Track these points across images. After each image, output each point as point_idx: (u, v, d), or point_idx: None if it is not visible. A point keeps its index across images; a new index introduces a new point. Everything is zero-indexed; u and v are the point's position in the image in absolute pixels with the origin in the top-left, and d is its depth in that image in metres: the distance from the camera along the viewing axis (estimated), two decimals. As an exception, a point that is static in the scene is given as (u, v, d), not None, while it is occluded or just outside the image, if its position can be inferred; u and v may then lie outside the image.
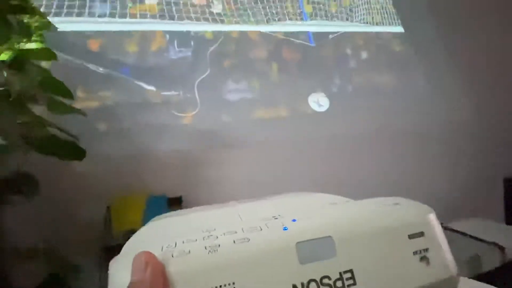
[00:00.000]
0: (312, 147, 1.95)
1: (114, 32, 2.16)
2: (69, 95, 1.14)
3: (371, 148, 2.06)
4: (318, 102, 2.15)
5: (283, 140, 1.95)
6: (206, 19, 2.36)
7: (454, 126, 2.26)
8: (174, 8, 2.34)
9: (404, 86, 2.44)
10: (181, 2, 2.38)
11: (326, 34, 2.50)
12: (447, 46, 2.52)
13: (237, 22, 2.40)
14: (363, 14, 2.63)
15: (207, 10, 2.38)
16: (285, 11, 2.52)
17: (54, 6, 2.15)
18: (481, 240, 1.54)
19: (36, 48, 1.05)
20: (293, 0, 2.57)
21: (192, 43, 2.25)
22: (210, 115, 2.00)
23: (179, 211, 0.68)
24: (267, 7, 2.52)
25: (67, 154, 1.04)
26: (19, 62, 0.99)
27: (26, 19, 1.01)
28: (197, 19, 2.34)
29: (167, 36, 2.24)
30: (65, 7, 2.17)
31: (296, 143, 1.96)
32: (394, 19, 2.68)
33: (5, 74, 0.95)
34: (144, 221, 1.32)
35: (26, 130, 0.95)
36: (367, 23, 2.63)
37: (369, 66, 2.45)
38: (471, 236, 1.57)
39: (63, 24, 2.10)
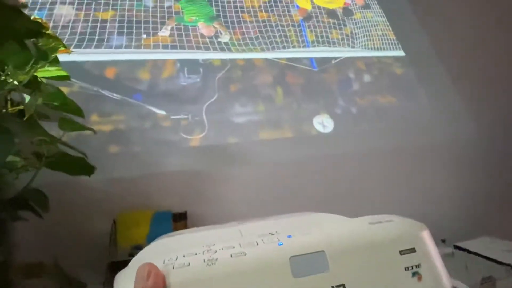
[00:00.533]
0: (316, 166, 1.97)
1: (129, 61, 2.32)
2: (80, 113, 1.20)
3: (376, 167, 2.06)
4: (323, 123, 2.20)
5: (288, 160, 1.98)
6: (215, 48, 2.51)
7: (460, 144, 2.25)
8: (185, 39, 2.51)
9: (407, 107, 2.48)
10: (191, 33, 2.57)
11: (329, 59, 2.61)
12: (448, 68, 2.57)
13: (243, 50, 2.54)
14: (364, 40, 2.75)
15: (215, 40, 2.54)
16: (288, 40, 2.67)
17: (76, 40, 2.35)
18: (495, 261, 1.47)
19: (52, 70, 1.12)
20: (296, 29, 2.72)
21: (201, 70, 2.38)
22: (217, 137, 2.07)
23: (183, 230, 0.71)
24: (272, 36, 2.67)
25: (76, 170, 1.10)
26: (34, 82, 1.06)
27: (42, 42, 1.04)
28: (206, 48, 2.50)
29: (178, 64, 2.38)
30: (85, 40, 2.37)
31: (300, 162, 1.98)
32: (395, 44, 2.79)
33: (23, 95, 1.02)
34: (149, 237, 1.34)
35: (38, 147, 1.00)
36: (368, 48, 2.74)
37: (372, 88, 2.52)
38: (484, 257, 1.51)
39: (82, 55, 2.29)
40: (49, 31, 1.06)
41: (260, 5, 2.80)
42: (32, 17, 0.94)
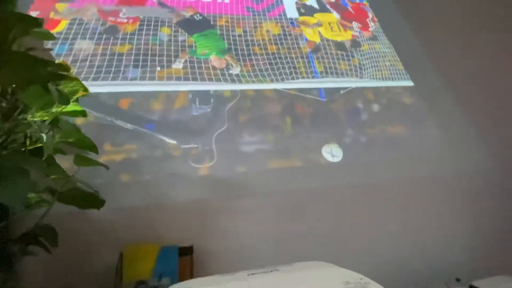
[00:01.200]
0: (326, 197, 1.94)
1: (143, 92, 2.41)
2: (95, 150, 1.25)
3: (386, 200, 2.01)
4: (332, 152, 2.19)
5: (297, 190, 1.96)
6: (225, 80, 2.59)
7: (473, 176, 2.19)
8: (197, 71, 2.61)
9: (417, 136, 2.45)
10: (204, 66, 2.67)
11: (337, 89, 2.65)
12: (458, 97, 2.57)
13: (253, 81, 2.61)
14: (372, 70, 2.80)
15: (226, 72, 2.64)
16: (297, 71, 2.74)
17: (93, 73, 2.48)
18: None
19: (69, 108, 1.19)
20: (305, 61, 2.80)
21: (212, 100, 2.45)
22: (226, 166, 2.08)
23: (195, 280, 0.70)
24: (281, 67, 2.75)
25: (87, 204, 1.12)
26: (55, 119, 1.12)
27: (63, 85, 1.14)
28: (217, 80, 2.58)
29: (190, 95, 2.46)
30: (102, 72, 2.49)
31: (309, 193, 1.96)
32: (403, 74, 2.83)
33: (43, 136, 1.07)
34: (155, 271, 1.32)
35: (54, 184, 1.04)
36: (376, 78, 2.78)
37: (381, 118, 2.52)
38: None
39: (98, 87, 2.40)
40: (70, 73, 1.14)
41: (270, 39, 2.91)
42: (56, 61, 1.02)
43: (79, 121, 2.21)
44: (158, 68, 2.59)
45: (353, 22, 3.12)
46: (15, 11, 1.29)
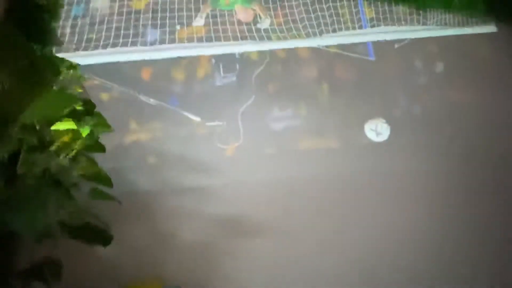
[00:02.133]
0: (367, 188, 1.71)
1: (164, 60, 2.20)
2: (109, 184, 1.22)
3: (446, 191, 1.68)
4: (377, 130, 1.87)
5: (331, 178, 1.75)
6: (253, 38, 2.22)
7: None
8: (220, 28, 2.26)
9: (495, 105, 1.92)
10: (228, 20, 2.29)
11: (391, 43, 2.13)
12: None
13: (285, 38, 2.20)
14: (440, 13, 2.15)
15: (253, 28, 2.24)
16: (341, 20, 2.22)
17: (112, 38, 2.29)
18: None
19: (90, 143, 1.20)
20: (351, 4, 2.24)
21: (237, 66, 2.16)
22: (253, 147, 1.91)
23: None
24: (321, 16, 2.25)
25: (95, 240, 1.10)
26: (75, 154, 1.12)
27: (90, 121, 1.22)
28: (243, 38, 2.22)
29: (213, 60, 2.19)
30: (121, 37, 2.29)
31: (347, 181, 1.74)
32: (482, 16, 2.12)
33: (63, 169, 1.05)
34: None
35: (67, 217, 1.03)
36: (445, 24, 2.15)
37: (446, 80, 2.02)
38: None
39: (119, 55, 2.23)
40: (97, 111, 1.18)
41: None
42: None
43: (103, 96, 2.16)
44: (178, 27, 2.29)
45: None
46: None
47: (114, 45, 2.26)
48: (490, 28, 2.11)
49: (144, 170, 1.90)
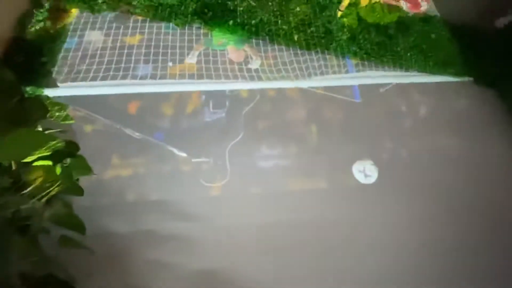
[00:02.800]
0: (356, 230, 1.65)
1: (153, 94, 2.19)
2: (82, 230, 1.15)
3: (433, 236, 1.65)
4: (365, 171, 1.86)
5: (320, 222, 1.69)
6: (243, 77, 2.27)
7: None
8: (212, 67, 2.31)
9: (479, 151, 1.98)
10: (219, 60, 2.35)
11: (376, 87, 2.21)
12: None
13: (274, 78, 2.26)
14: (422, 61, 2.29)
15: (244, 68, 2.30)
16: (328, 63, 2.32)
17: (102, 71, 2.28)
18: None
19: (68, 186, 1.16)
20: (337, 51, 2.36)
21: (227, 103, 2.17)
22: (239, 186, 1.85)
23: None
24: (309, 59, 2.34)
25: None
26: (50, 197, 1.07)
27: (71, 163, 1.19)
28: (234, 77, 2.27)
29: (203, 96, 2.19)
30: (112, 70, 2.29)
31: (336, 225, 1.68)
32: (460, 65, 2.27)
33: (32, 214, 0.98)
34: None
35: (30, 268, 0.93)
36: (427, 72, 2.28)
37: (429, 125, 2.08)
38: None
39: (107, 87, 2.21)
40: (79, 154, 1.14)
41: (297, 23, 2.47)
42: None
43: (87, 128, 2.09)
44: (170, 64, 2.33)
45: (401, 0, 2.54)
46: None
47: (104, 78, 2.25)
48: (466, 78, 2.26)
49: (122, 211, 1.79)
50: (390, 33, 2.46)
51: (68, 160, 1.20)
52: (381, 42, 2.42)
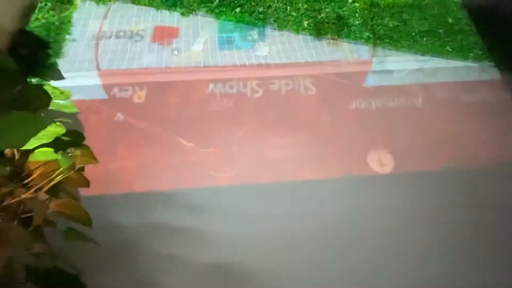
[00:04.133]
0: (370, 225, 1.58)
1: (159, 83, 2.13)
2: (89, 224, 1.12)
3: (456, 229, 1.56)
4: (380, 160, 1.77)
5: (334, 212, 1.61)
6: (251, 64, 2.19)
7: None
8: (219, 54, 2.24)
9: (499, 138, 1.89)
10: (226, 47, 2.28)
11: (390, 72, 2.11)
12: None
13: (283, 66, 2.18)
14: (438, 45, 2.18)
15: (252, 55, 2.22)
16: (339, 48, 2.22)
17: (107, 60, 2.23)
18: None
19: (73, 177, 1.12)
20: (350, 31, 2.26)
21: (234, 91, 2.10)
22: (248, 175, 1.78)
23: None
24: (319, 45, 2.25)
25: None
26: (55, 188, 1.03)
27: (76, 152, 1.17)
28: (242, 65, 2.19)
29: (210, 85, 2.12)
30: (116, 60, 2.23)
31: (351, 215, 1.61)
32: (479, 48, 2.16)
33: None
34: None
35: (35, 260, 0.89)
36: (443, 55, 2.17)
37: (448, 112, 1.98)
38: None
39: (112, 77, 2.16)
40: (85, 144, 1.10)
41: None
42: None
43: (92, 118, 2.05)
44: (176, 52, 2.26)
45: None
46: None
47: (109, 67, 2.21)
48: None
49: (129, 202, 1.74)
50: (404, 18, 2.35)
51: (72, 150, 1.15)
52: (395, 27, 2.31)
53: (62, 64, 2.16)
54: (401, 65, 2.15)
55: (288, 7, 2.40)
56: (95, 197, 1.61)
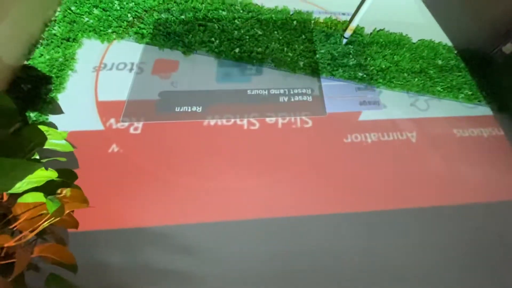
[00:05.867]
0: (367, 263, 1.51)
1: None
2: (74, 269, 1.10)
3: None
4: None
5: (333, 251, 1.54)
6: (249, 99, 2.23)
7: None
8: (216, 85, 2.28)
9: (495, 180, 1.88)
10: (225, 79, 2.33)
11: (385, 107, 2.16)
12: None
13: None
14: (429, 86, 2.25)
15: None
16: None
17: (106, 90, 2.26)
18: None
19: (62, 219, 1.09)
20: (344, 71, 2.34)
21: (231, 123, 2.10)
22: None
23: None
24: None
25: None
26: (41, 230, 1.01)
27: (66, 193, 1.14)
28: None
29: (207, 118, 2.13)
30: (115, 91, 2.26)
31: (349, 254, 1.54)
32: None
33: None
34: None
35: None
36: (435, 95, 2.23)
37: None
38: None
39: (110, 107, 2.17)
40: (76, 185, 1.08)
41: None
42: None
43: (86, 149, 2.03)
44: (174, 85, 2.30)
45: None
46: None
47: (106, 98, 2.23)
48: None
49: (116, 239, 1.67)
50: (396, 59, 2.46)
51: (64, 192, 1.12)
52: (387, 67, 2.41)
53: (61, 97, 2.19)
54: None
55: (285, 48, 2.50)
56: (83, 233, 1.55)
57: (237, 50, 2.46)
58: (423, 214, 1.76)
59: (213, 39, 2.49)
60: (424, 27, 2.73)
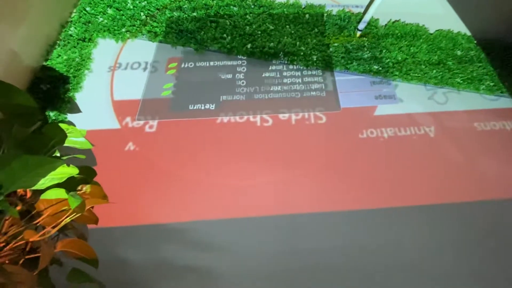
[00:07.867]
0: (383, 259, 1.48)
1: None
2: (95, 265, 1.12)
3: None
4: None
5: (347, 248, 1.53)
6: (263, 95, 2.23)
7: None
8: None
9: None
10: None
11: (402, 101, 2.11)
12: None
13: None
14: (448, 77, 2.18)
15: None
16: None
17: (121, 89, 2.30)
18: None
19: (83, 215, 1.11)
20: (359, 64, 2.29)
21: (244, 120, 2.10)
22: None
23: None
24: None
25: None
26: (63, 226, 1.04)
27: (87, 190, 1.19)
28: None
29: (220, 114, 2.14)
30: (130, 89, 2.30)
31: (363, 251, 1.52)
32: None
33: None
34: None
35: None
36: (454, 87, 2.16)
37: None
38: None
39: (125, 106, 2.21)
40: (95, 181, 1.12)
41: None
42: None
43: (104, 148, 2.08)
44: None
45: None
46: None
47: (122, 96, 2.27)
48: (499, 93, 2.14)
49: (136, 235, 1.71)
50: (412, 51, 2.39)
51: (84, 188, 1.15)
52: (403, 59, 2.35)
53: (78, 96, 2.24)
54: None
55: (298, 42, 2.47)
56: (102, 230, 1.59)
57: (249, 45, 2.45)
58: (442, 211, 1.72)
59: (225, 35, 2.49)
60: (441, 17, 2.64)
